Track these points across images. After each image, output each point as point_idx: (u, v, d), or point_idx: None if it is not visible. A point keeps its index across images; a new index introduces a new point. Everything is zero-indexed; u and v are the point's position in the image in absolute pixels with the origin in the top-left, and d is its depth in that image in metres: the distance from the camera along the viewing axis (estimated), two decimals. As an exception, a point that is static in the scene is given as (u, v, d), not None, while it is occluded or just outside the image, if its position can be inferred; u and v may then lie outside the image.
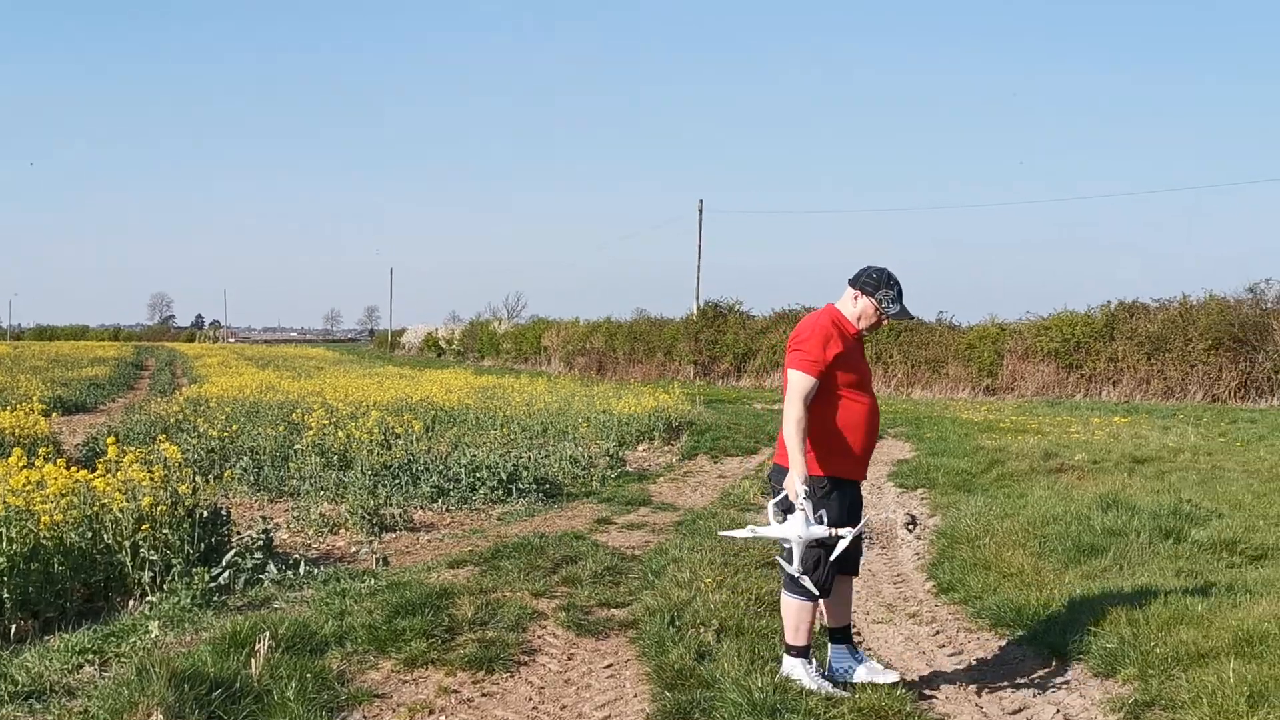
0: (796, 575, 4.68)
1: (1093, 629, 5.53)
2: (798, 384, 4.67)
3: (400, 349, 72.25)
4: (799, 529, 4.58)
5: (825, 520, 4.61)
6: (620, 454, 13.87)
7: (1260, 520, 8.29)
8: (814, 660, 4.91)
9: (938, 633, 6.18)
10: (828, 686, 4.78)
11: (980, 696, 5.09)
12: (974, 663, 5.63)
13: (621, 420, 15.92)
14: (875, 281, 4.78)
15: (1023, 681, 5.26)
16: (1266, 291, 23.60)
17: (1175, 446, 13.47)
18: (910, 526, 9.37)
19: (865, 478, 4.95)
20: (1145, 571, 6.73)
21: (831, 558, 4.69)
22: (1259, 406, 21.23)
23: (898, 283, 4.80)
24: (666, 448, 15.20)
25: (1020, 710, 4.92)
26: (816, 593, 4.75)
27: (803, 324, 4.87)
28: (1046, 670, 5.37)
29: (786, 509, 4.67)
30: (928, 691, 5.16)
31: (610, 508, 9.96)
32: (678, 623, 5.73)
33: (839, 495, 4.75)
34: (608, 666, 5.42)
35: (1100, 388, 24.64)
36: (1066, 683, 5.17)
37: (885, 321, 4.85)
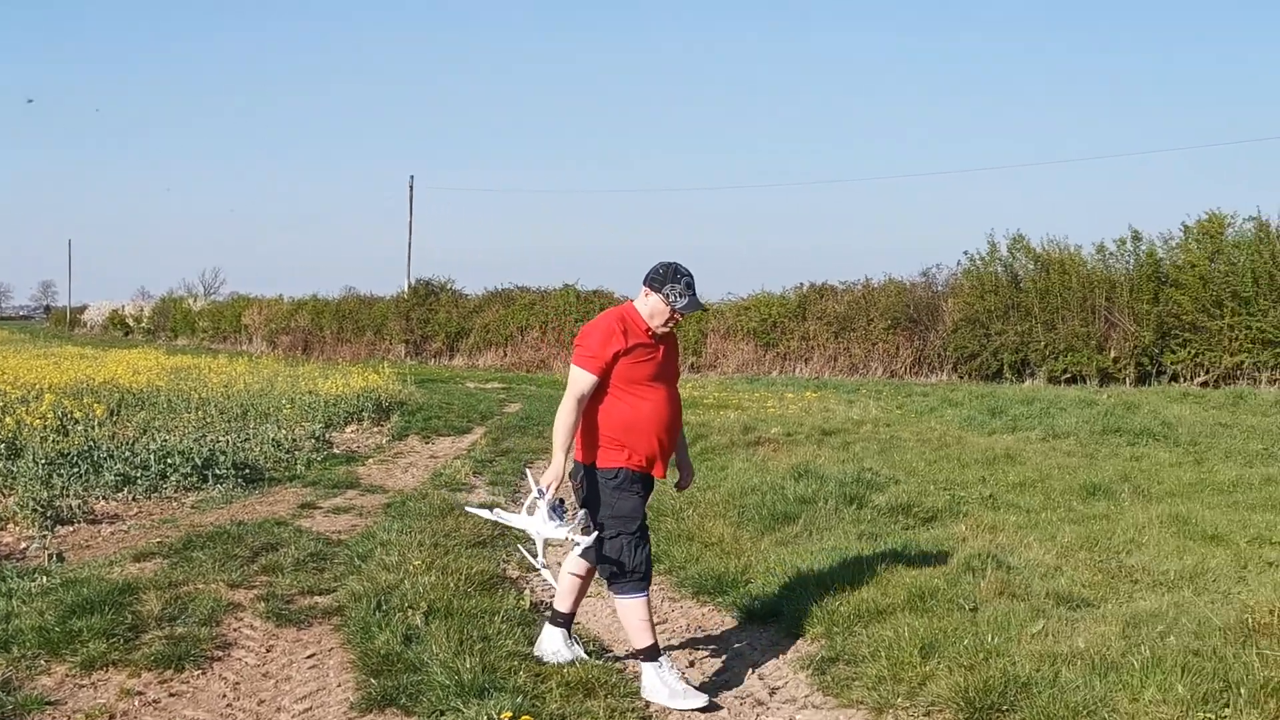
0: (540, 566, 4.68)
1: (786, 592, 5.87)
2: (574, 380, 4.65)
3: (81, 327, 66.61)
4: (539, 525, 4.56)
5: (606, 513, 4.62)
6: (327, 436, 13.38)
7: (931, 485, 9.08)
8: (667, 660, 4.76)
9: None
10: (686, 687, 4.67)
11: (683, 662, 5.27)
12: (678, 630, 5.84)
13: (328, 401, 15.37)
14: (662, 276, 4.67)
15: (723, 646, 5.51)
16: (937, 276, 25.91)
17: (859, 419, 14.50)
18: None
19: (663, 475, 4.88)
20: (832, 536, 7.21)
21: (569, 560, 4.75)
22: (930, 381, 23.25)
23: (686, 274, 4.70)
24: (376, 429, 14.81)
25: (721, 673, 5.14)
26: (640, 582, 4.69)
27: (590, 322, 4.85)
28: (745, 633, 5.65)
29: (554, 505, 4.62)
30: (634, 661, 5.29)
31: (315, 492, 9.59)
32: (385, 607, 5.58)
33: (621, 490, 4.67)
34: (310, 657, 5.21)
35: (794, 365, 26.20)
36: (763, 644, 5.46)
37: (678, 317, 4.71)
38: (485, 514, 4.95)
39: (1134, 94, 55.29)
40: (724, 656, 5.36)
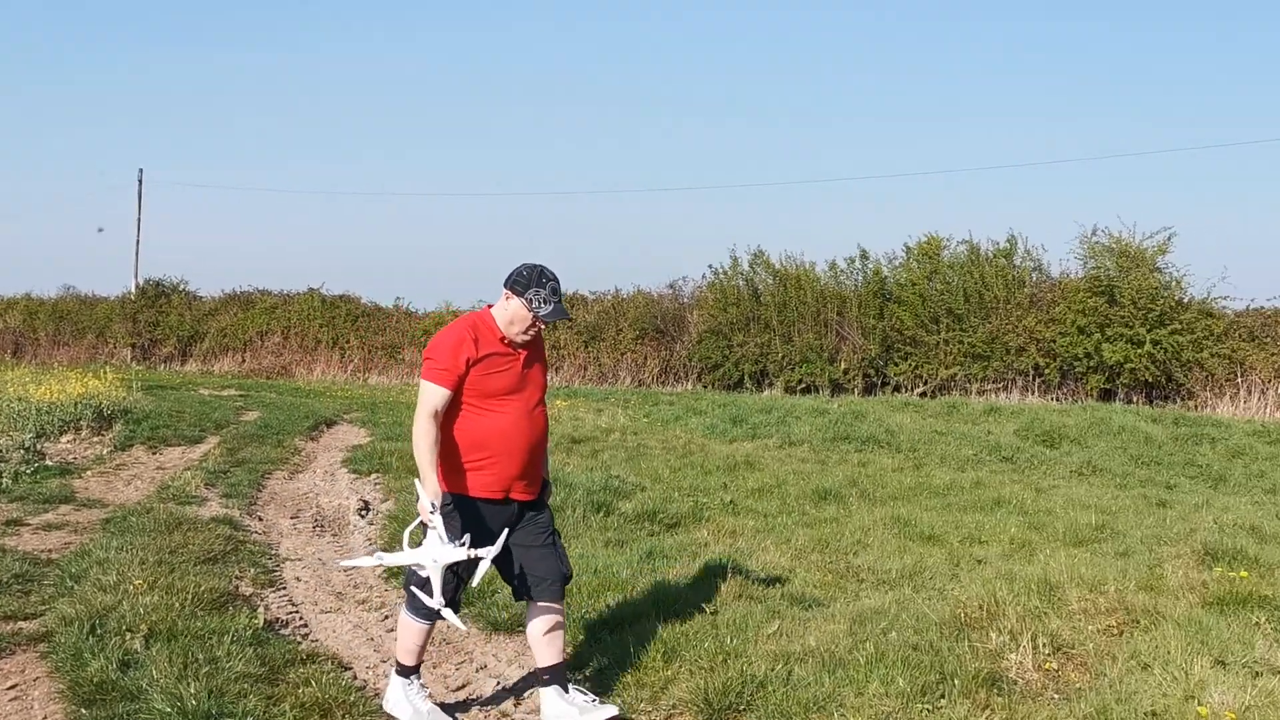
0: (437, 607, 4.22)
1: (532, 601, 5.85)
2: (425, 395, 4.26)
3: None
4: (434, 552, 4.13)
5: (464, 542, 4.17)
6: (39, 447, 12.29)
7: (675, 491, 9.31)
8: (418, 681, 4.56)
9: (387, 617, 6.17)
10: (432, 708, 4.50)
11: (426, 676, 5.15)
12: (422, 644, 5.70)
13: (41, 409, 14.13)
14: (526, 279, 4.29)
15: (467, 658, 5.42)
16: (684, 288, 26.67)
17: (607, 427, 14.71)
18: (363, 512, 9.39)
19: (527, 498, 4.43)
20: (580, 544, 7.25)
21: (475, 580, 4.32)
22: (676, 390, 23.89)
23: (552, 278, 4.32)
24: (97, 439, 13.74)
25: (464, 686, 5.06)
26: (449, 616, 4.31)
27: (440, 331, 4.43)
28: (491, 645, 5.58)
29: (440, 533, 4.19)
30: (375, 678, 5.13)
31: (23, 507, 8.78)
32: (100, 631, 5.16)
33: (477, 516, 4.29)
34: (11, 688, 4.74)
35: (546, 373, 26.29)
36: (509, 654, 5.41)
37: (538, 325, 4.33)
38: (369, 562, 4.42)
39: (860, 123, 59.16)
40: (469, 668, 5.28)
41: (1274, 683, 4.47)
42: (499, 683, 5.06)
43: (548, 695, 4.40)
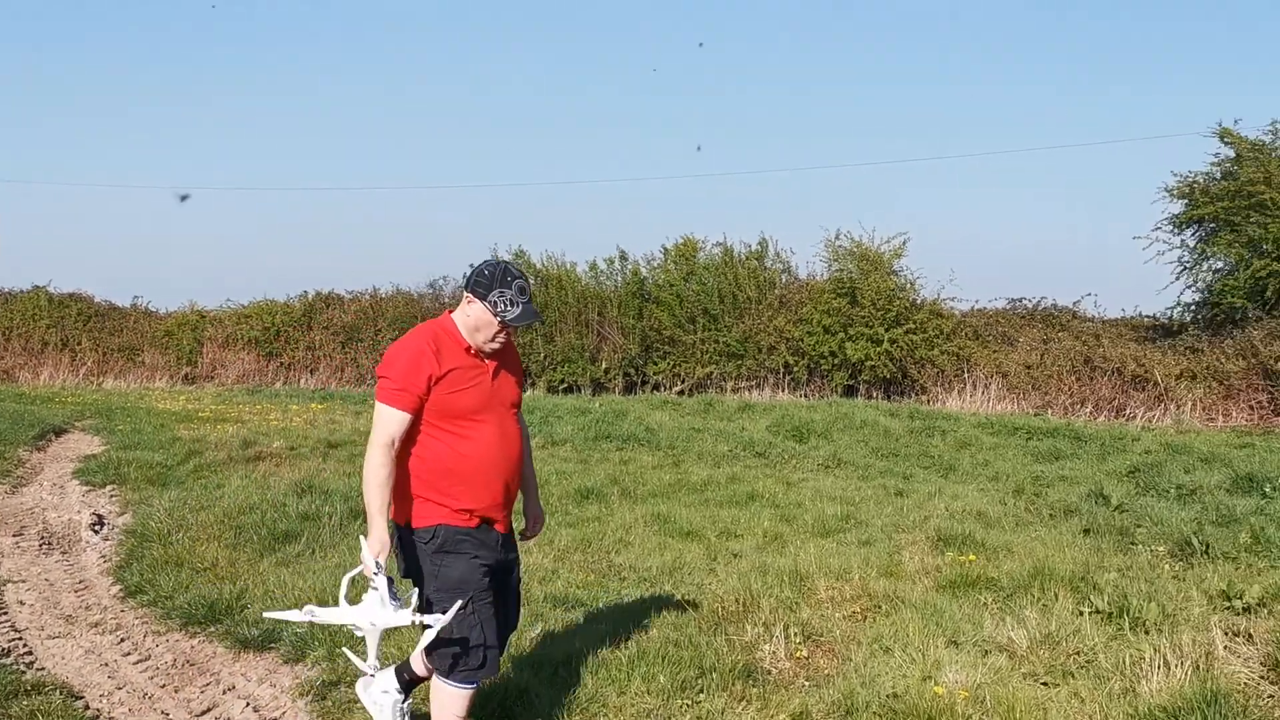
0: (371, 673, 3.67)
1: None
2: (381, 422, 3.65)
3: None
4: (373, 615, 3.55)
5: (432, 586, 3.64)
6: None
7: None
8: None
9: (123, 640, 5.76)
10: None
11: (168, 702, 4.84)
12: (163, 666, 5.35)
13: None
14: (488, 280, 3.70)
15: (214, 679, 5.13)
16: (444, 287, 26.28)
17: (365, 430, 14.21)
18: (97, 527, 8.72)
19: (505, 529, 3.88)
20: (336, 553, 7.00)
21: (421, 645, 3.70)
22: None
23: (519, 277, 3.75)
24: None
25: (210, 710, 4.79)
26: (478, 670, 3.72)
27: (395, 343, 3.83)
28: (240, 664, 5.30)
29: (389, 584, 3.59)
30: (110, 707, 4.77)
31: None
32: None
33: (444, 554, 3.69)
34: None
35: (299, 375, 25.31)
36: (260, 673, 5.16)
37: (507, 331, 3.74)
38: (297, 616, 3.77)
39: (624, 125, 60.16)
40: (215, 690, 5.00)
41: (1001, 660, 4.83)
42: (248, 704, 4.81)
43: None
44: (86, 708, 4.70)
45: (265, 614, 4.10)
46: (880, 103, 57.54)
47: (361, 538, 3.57)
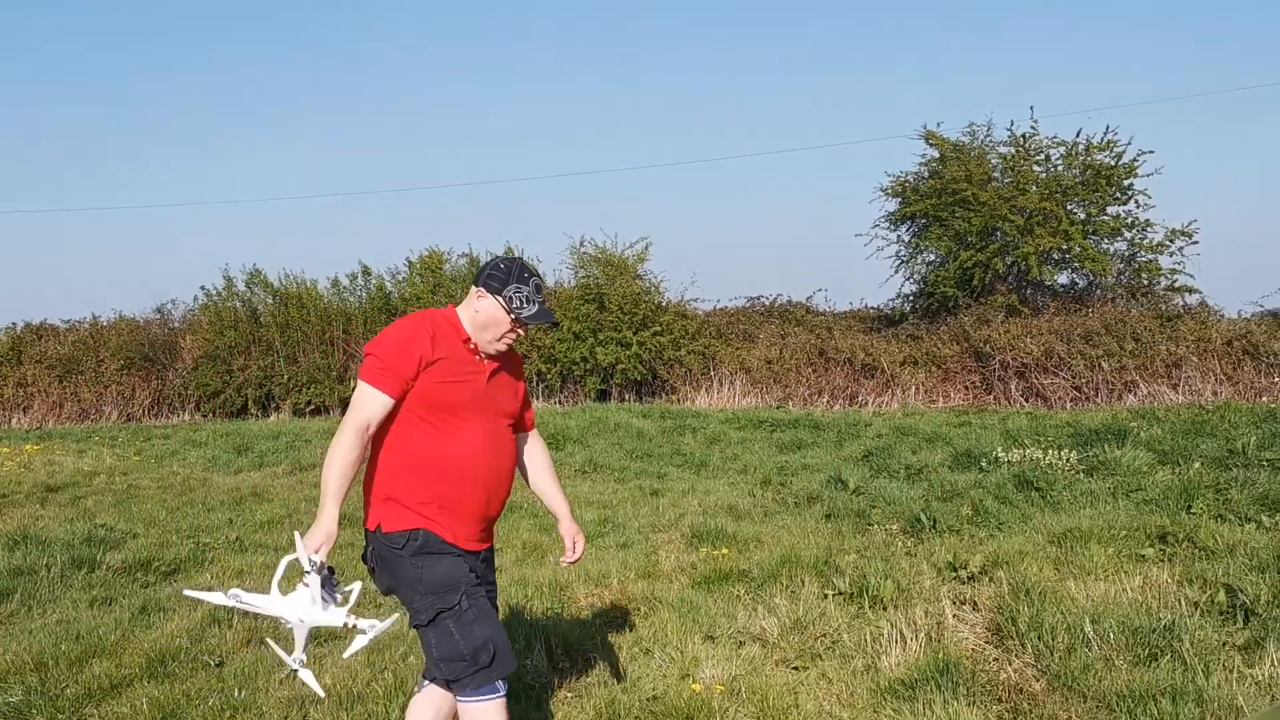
0: (295, 666, 3.26)
1: (-1, 684, 5.08)
2: (360, 401, 3.31)
3: None
4: (302, 611, 3.20)
5: (415, 591, 3.28)
6: None
7: (173, 534, 8.59)
8: None
9: None
10: None
11: None
12: None
13: None
14: (504, 274, 3.43)
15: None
16: (173, 311, 24.79)
17: (91, 469, 13.28)
18: None
19: (483, 542, 3.50)
20: (58, 608, 6.43)
21: (347, 654, 3.37)
22: (171, 422, 22.14)
23: (534, 275, 3.50)
24: None
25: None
26: (488, 669, 3.29)
27: (390, 325, 3.49)
28: None
29: (326, 578, 3.22)
30: None
31: None
32: None
33: (426, 555, 3.31)
34: None
35: (11, 415, 23.19)
36: None
37: (520, 329, 3.46)
38: (218, 599, 3.32)
39: (350, 139, 58.45)
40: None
41: (755, 650, 4.98)
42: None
43: None
44: None
45: (185, 591, 3.56)
46: (615, 112, 58.76)
47: (297, 538, 3.19)
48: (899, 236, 21.87)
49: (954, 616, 5.20)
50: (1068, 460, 9.18)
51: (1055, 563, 6.00)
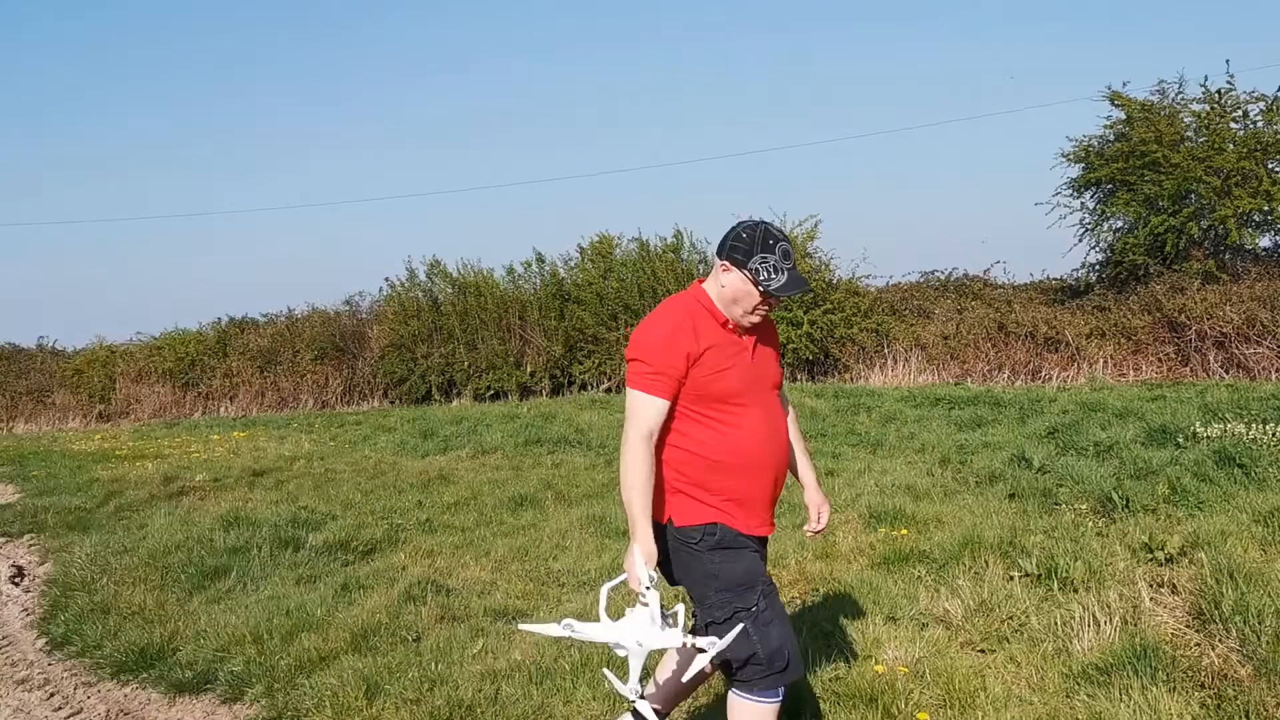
0: (632, 698, 3.20)
1: (220, 655, 5.48)
2: (636, 410, 3.20)
3: None
4: (640, 634, 3.11)
5: (709, 588, 3.21)
6: None
7: (369, 516, 9.04)
8: None
9: (52, 695, 5.59)
10: None
11: (105, 756, 4.71)
12: (97, 717, 5.20)
13: None
14: (747, 244, 3.24)
15: (151, 727, 5.00)
16: (361, 303, 25.97)
17: (291, 455, 14.07)
18: (17, 579, 8.44)
19: (769, 531, 3.40)
20: (269, 585, 6.88)
21: (687, 675, 3.31)
22: (362, 409, 23.23)
23: (780, 241, 3.26)
24: None
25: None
26: (780, 674, 3.23)
27: (644, 320, 3.36)
28: (175, 709, 5.17)
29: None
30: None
31: None
32: None
33: (723, 550, 3.25)
34: None
35: (219, 404, 24.80)
36: (196, 717, 5.04)
37: (772, 302, 3.27)
38: (555, 631, 3.26)
39: (522, 131, 59.83)
40: (154, 739, 4.88)
41: (939, 632, 4.91)
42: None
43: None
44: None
45: (521, 626, 3.51)
46: (782, 89, 58.14)
47: (635, 548, 3.13)
48: (1082, 204, 20.93)
49: (1151, 599, 4.99)
50: (1274, 434, 8.65)
51: (1261, 543, 5.68)
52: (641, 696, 3.20)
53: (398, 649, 5.19)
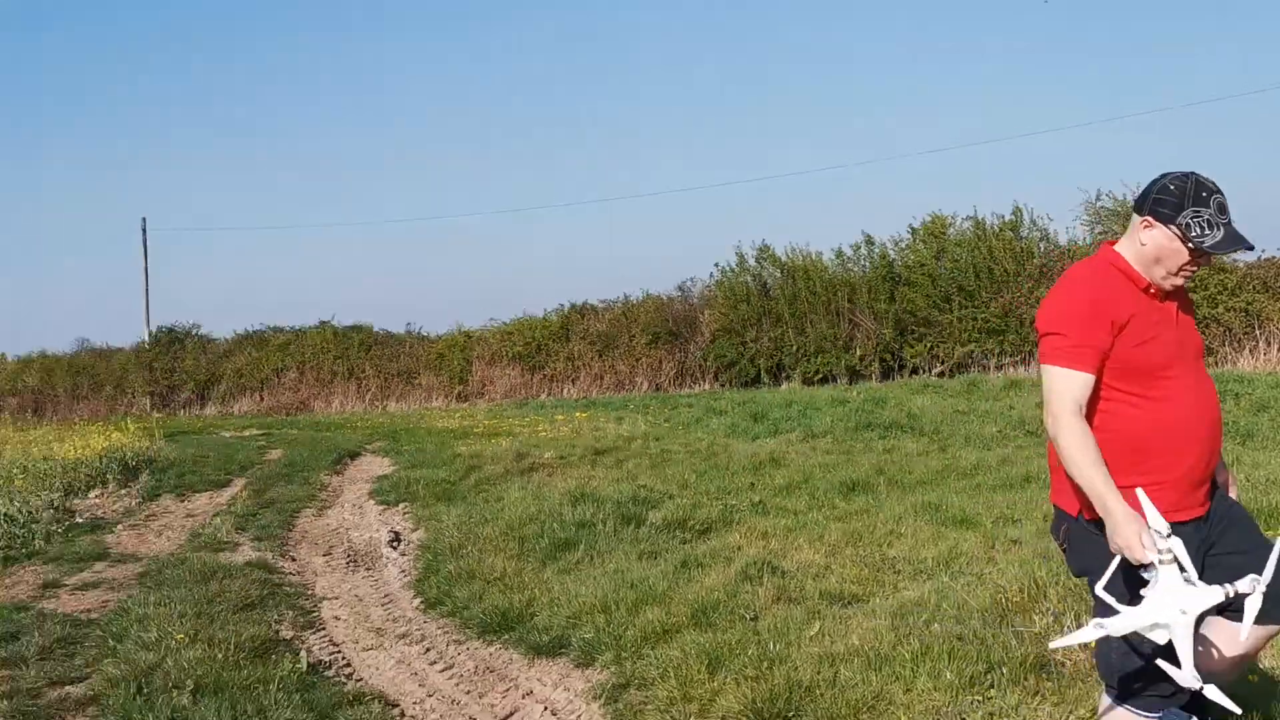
0: (1197, 685, 2.76)
1: (572, 622, 5.85)
2: (1058, 387, 2.94)
3: None
4: (1180, 600, 2.73)
5: (1116, 586, 2.86)
6: (68, 504, 12.36)
7: (703, 496, 9.30)
8: None
9: (429, 650, 6.19)
10: None
11: (474, 707, 5.17)
12: (466, 673, 5.72)
13: (67, 466, 14.20)
14: (1176, 198, 2.93)
15: (513, 685, 5.43)
16: (693, 289, 26.67)
17: (629, 435, 14.71)
18: (394, 544, 9.41)
19: (1202, 510, 3.05)
20: (613, 558, 7.25)
21: (1246, 626, 2.82)
22: (694, 391, 23.89)
23: (1215, 193, 2.94)
24: (124, 491, 13.80)
25: (512, 714, 5.08)
26: (1173, 695, 2.94)
27: (1054, 290, 3.11)
28: (534, 670, 5.58)
29: (1132, 580, 2.86)
30: (423, 714, 5.14)
31: (58, 568, 8.83)
32: (146, 690, 5.19)
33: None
34: (65, 756, 4.78)
35: (562, 386, 26.33)
36: (553, 678, 5.42)
37: (1202, 261, 2.98)
38: (1089, 635, 2.88)
39: (862, 110, 58.88)
40: (515, 695, 5.29)
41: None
42: (546, 707, 5.06)
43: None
44: (402, 715, 5.08)
45: (1052, 644, 3.18)
46: (1124, 58, 53.86)
47: (1117, 513, 2.82)
48: None
49: None
50: None
51: None
52: (1204, 683, 2.75)
53: (736, 626, 5.32)
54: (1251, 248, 2.96)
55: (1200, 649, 2.84)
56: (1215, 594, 2.74)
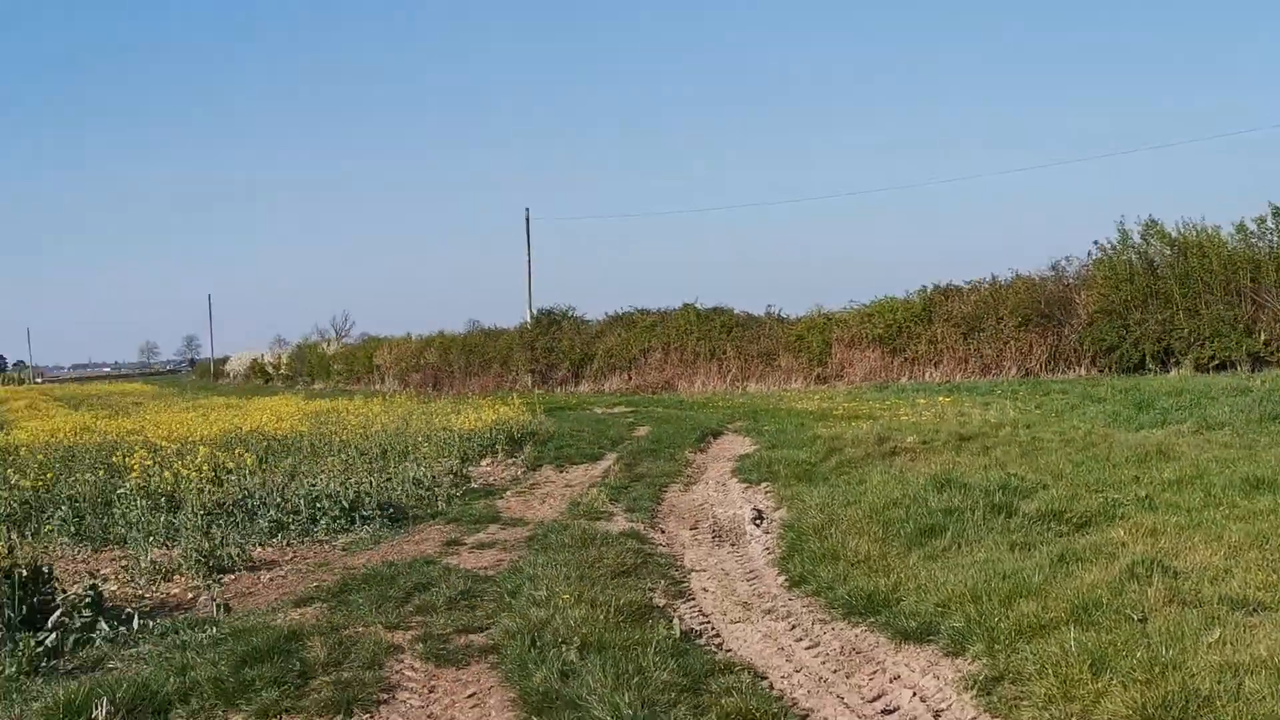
0: None
1: (940, 609, 5.73)
2: None
3: (225, 378, 69.48)
4: None
5: None
6: (465, 471, 13.65)
7: (1081, 488, 8.77)
8: None
9: (794, 627, 6.29)
10: None
11: (841, 687, 5.20)
12: (832, 654, 5.75)
13: (463, 436, 15.68)
14: None
15: (879, 668, 5.41)
16: (1067, 268, 25.11)
17: (996, 422, 14.12)
18: (758, 521, 9.62)
19: None
20: (982, 548, 7.01)
21: None
22: (1068, 377, 22.51)
23: None
24: (510, 460, 15.04)
25: (879, 697, 5.05)
26: None
27: None
28: (901, 654, 5.53)
29: None
30: (791, 688, 5.24)
31: (459, 528, 9.78)
32: (539, 643, 5.65)
33: None
34: (470, 696, 5.30)
35: (923, 369, 25.69)
36: (921, 665, 5.34)
37: None
38: None
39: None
40: (882, 679, 5.26)
41: None
42: (915, 693, 5.00)
43: None
44: (771, 688, 5.20)
45: None
46: None
47: None
48: None
49: None
50: None
51: None
52: None
53: (1121, 626, 5.00)
54: None
55: None
56: None
